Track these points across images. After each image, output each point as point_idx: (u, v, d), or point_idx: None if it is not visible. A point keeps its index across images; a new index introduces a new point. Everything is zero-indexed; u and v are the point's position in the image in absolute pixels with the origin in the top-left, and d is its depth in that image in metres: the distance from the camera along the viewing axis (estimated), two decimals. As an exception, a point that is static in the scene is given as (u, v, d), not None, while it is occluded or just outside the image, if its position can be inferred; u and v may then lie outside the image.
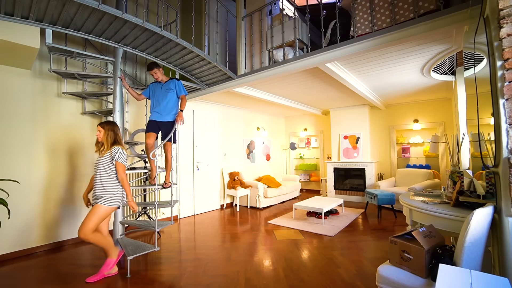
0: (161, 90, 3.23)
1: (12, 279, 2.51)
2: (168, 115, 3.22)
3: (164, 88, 3.23)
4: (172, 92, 3.23)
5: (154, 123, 3.22)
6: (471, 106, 2.74)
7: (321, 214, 4.27)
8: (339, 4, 3.04)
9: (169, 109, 3.23)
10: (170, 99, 3.22)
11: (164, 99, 3.20)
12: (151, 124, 3.22)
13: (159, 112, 3.21)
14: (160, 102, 3.22)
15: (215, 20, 4.17)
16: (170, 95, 3.22)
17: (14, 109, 3.09)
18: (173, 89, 3.23)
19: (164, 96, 3.21)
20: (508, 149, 1.28)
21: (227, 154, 5.98)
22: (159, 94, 3.24)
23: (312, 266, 2.68)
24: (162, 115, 3.20)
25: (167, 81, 3.28)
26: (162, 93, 3.22)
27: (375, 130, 6.35)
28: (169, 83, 3.26)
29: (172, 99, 3.24)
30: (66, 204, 3.45)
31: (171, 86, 3.24)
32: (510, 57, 1.26)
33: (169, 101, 3.21)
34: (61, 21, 2.48)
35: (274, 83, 4.23)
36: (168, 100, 3.21)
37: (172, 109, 3.25)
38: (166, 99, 3.20)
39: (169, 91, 3.21)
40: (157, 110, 3.23)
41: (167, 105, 3.21)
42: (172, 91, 3.23)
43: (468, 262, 1.35)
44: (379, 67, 3.52)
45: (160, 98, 3.23)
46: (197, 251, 3.15)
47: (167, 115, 3.22)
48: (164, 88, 3.23)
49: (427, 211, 2.01)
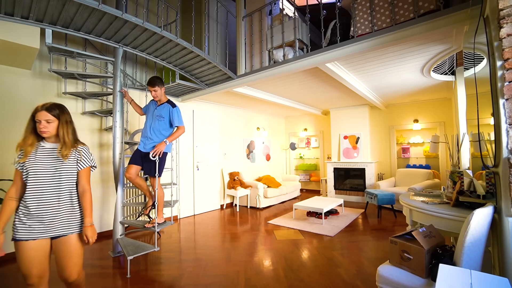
0: (153, 114, 2.75)
1: (12, 279, 2.51)
2: (153, 147, 2.66)
3: (156, 113, 2.73)
4: (163, 122, 2.71)
5: (137, 154, 2.75)
6: (471, 106, 2.74)
7: (321, 214, 4.27)
8: (339, 4, 3.04)
9: (155, 140, 2.70)
10: (159, 128, 2.72)
11: (153, 126, 2.72)
12: (135, 154, 2.77)
13: (144, 141, 2.73)
14: (147, 128, 2.75)
15: (215, 20, 4.17)
16: (160, 124, 2.71)
17: (14, 109, 3.09)
18: (165, 117, 2.71)
19: (153, 122, 2.73)
20: (508, 149, 1.28)
21: (227, 154, 5.98)
22: (150, 118, 2.77)
23: (312, 266, 2.68)
24: (146, 145, 2.71)
25: (162, 105, 2.77)
26: (152, 118, 2.74)
27: (375, 130, 6.35)
28: (162, 109, 2.74)
29: (162, 129, 2.72)
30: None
31: (163, 113, 2.72)
32: (510, 57, 1.26)
33: (157, 130, 2.71)
34: (61, 21, 2.48)
35: (274, 83, 4.23)
36: (156, 128, 2.71)
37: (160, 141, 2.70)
38: (154, 127, 2.72)
39: (160, 119, 2.71)
40: (143, 137, 2.76)
41: (153, 135, 2.70)
42: (163, 121, 2.71)
43: (468, 262, 1.35)
44: (379, 67, 3.52)
45: (148, 123, 2.76)
46: (197, 251, 3.15)
47: (151, 146, 2.68)
48: (156, 113, 2.73)
49: (427, 211, 2.01)
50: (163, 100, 2.80)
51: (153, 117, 2.73)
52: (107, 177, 3.81)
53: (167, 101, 2.79)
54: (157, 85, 2.68)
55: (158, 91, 2.71)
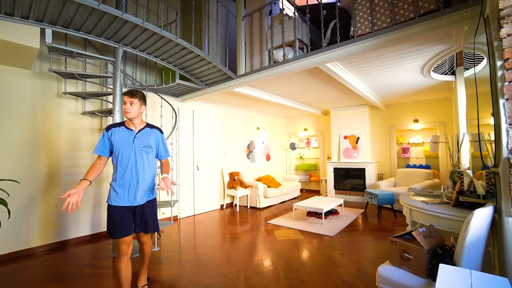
0: (133, 145, 1.95)
1: (12, 279, 2.51)
2: (148, 192, 2.02)
3: (140, 143, 1.97)
4: (151, 154, 2.03)
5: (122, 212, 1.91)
6: (471, 106, 2.74)
7: (321, 214, 4.27)
8: (339, 4, 3.04)
9: (149, 181, 2.03)
10: (149, 165, 2.01)
11: (139, 163, 1.96)
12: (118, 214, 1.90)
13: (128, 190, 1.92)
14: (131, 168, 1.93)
15: (215, 20, 4.17)
16: (149, 158, 2.02)
17: (14, 109, 3.09)
18: (153, 148, 2.05)
19: (138, 157, 1.95)
20: (508, 149, 1.28)
21: (227, 154, 5.98)
22: (129, 152, 1.93)
23: (312, 266, 2.67)
24: (139, 195, 1.95)
25: (143, 131, 2.02)
26: (134, 151, 1.95)
27: (375, 130, 6.35)
28: (147, 136, 2.02)
29: (152, 165, 2.05)
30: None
31: (151, 142, 2.03)
32: (510, 57, 1.26)
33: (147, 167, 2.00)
34: (61, 21, 2.48)
35: (274, 83, 4.23)
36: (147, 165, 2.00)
37: (152, 180, 2.06)
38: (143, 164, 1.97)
39: (148, 150, 2.00)
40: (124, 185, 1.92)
41: (146, 175, 1.99)
42: (152, 153, 2.04)
43: (468, 262, 1.35)
44: (379, 67, 3.52)
45: (131, 161, 1.93)
46: (197, 251, 3.14)
47: (146, 192, 2.00)
48: (140, 143, 1.97)
49: (427, 211, 2.01)
50: (140, 124, 2.03)
51: (135, 150, 1.94)
52: (107, 177, 3.81)
53: (148, 125, 2.08)
54: (137, 98, 1.95)
55: (135, 106, 1.94)
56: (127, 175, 1.92)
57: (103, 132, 1.97)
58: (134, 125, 2.02)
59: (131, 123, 2.01)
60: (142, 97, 2.01)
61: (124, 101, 1.93)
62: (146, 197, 2.01)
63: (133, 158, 1.93)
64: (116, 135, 1.96)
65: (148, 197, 2.02)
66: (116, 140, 1.95)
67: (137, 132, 2.00)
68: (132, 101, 1.93)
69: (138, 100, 1.96)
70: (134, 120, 1.99)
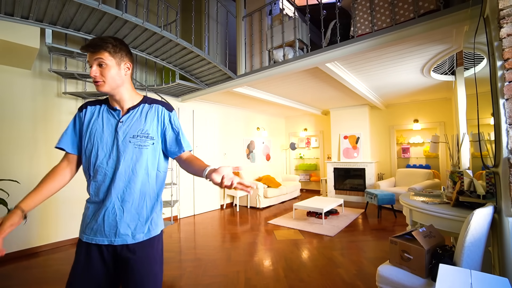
0: (115, 135, 1.07)
1: (12, 279, 2.51)
2: (145, 221, 1.07)
3: (127, 134, 1.07)
4: (151, 149, 1.11)
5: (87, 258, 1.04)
6: (471, 106, 2.74)
7: (321, 214, 4.27)
8: (339, 4, 3.04)
9: (147, 199, 1.09)
10: (147, 167, 1.09)
11: (129, 166, 1.05)
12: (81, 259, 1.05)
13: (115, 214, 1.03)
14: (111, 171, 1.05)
15: (215, 20, 4.17)
16: (144, 156, 1.08)
17: (14, 109, 3.09)
18: (154, 138, 1.11)
19: (126, 156, 1.05)
20: (508, 149, 1.28)
21: (227, 154, 5.98)
22: (109, 148, 1.06)
23: (312, 266, 2.67)
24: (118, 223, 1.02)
25: (135, 109, 1.12)
26: (120, 146, 1.06)
27: (375, 130, 6.35)
28: (142, 117, 1.11)
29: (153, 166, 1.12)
30: (66, 204, 3.45)
31: (149, 127, 1.11)
32: (510, 57, 1.26)
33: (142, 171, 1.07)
34: (61, 21, 2.48)
35: (274, 83, 4.23)
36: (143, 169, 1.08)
37: (155, 198, 1.12)
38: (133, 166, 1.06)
39: (143, 143, 1.08)
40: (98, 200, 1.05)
41: (136, 185, 1.06)
42: (151, 146, 1.10)
43: (468, 262, 1.35)
44: (379, 67, 3.52)
45: (112, 161, 1.05)
46: (197, 251, 3.14)
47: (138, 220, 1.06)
48: (127, 134, 1.07)
49: (427, 211, 2.01)
50: (130, 98, 1.13)
51: (118, 144, 1.06)
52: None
53: (146, 100, 1.17)
54: (108, 51, 1.03)
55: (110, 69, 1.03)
56: (103, 188, 1.04)
57: (76, 113, 1.14)
58: (119, 102, 1.11)
59: (113, 100, 1.11)
60: (119, 49, 1.07)
61: (89, 63, 1.03)
62: (139, 230, 1.05)
63: (113, 158, 1.05)
64: (90, 120, 1.10)
65: (143, 230, 1.06)
66: (88, 127, 1.09)
67: (125, 112, 1.10)
68: (100, 59, 1.01)
69: (111, 56, 1.03)
70: (115, 94, 1.08)
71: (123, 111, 1.12)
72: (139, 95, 1.19)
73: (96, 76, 1.02)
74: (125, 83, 1.12)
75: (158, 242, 1.12)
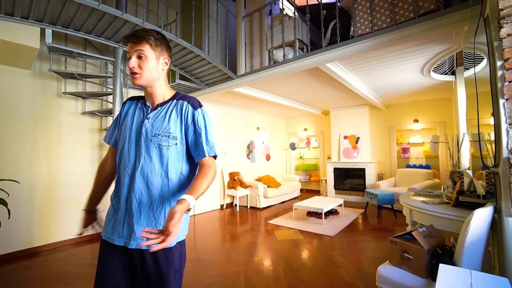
0: (140, 132, 1.04)
1: (12, 279, 2.51)
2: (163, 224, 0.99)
3: (150, 133, 1.02)
4: (173, 150, 1.03)
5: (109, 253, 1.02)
6: (471, 106, 2.74)
7: (321, 214, 4.27)
8: (339, 4, 3.04)
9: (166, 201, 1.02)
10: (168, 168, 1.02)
11: (144, 165, 1.01)
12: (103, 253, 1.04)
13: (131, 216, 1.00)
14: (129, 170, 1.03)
15: (215, 20, 4.17)
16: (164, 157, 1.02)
17: (14, 109, 3.09)
18: (176, 137, 1.03)
19: (146, 155, 1.01)
20: (508, 149, 1.28)
21: (227, 154, 5.98)
22: (131, 145, 1.04)
23: (312, 266, 2.67)
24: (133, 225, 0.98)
25: (163, 105, 1.07)
26: (142, 144, 1.02)
27: (375, 130, 6.35)
28: (167, 115, 1.05)
29: (175, 169, 1.04)
30: (66, 204, 3.45)
31: (171, 126, 1.03)
32: (510, 57, 1.26)
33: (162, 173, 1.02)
34: (61, 21, 2.48)
35: (274, 83, 4.23)
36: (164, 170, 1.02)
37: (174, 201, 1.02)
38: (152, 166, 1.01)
39: (162, 143, 1.01)
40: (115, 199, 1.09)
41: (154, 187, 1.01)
42: (175, 146, 1.03)
43: (468, 262, 1.35)
44: (379, 67, 3.52)
45: (132, 159, 1.03)
46: (197, 251, 3.14)
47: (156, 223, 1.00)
48: (150, 133, 1.02)
49: (427, 211, 2.01)
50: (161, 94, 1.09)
51: (140, 142, 1.03)
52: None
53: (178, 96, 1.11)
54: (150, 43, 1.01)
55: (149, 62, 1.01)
56: (125, 186, 1.03)
57: None
58: (151, 98, 1.09)
59: (147, 95, 1.10)
60: (160, 43, 1.04)
61: (128, 54, 1.01)
62: None
63: (135, 156, 1.02)
64: (126, 114, 1.12)
65: None
66: (123, 122, 1.11)
67: (153, 109, 1.07)
68: (141, 51, 0.99)
69: (151, 49, 1.01)
70: (149, 88, 1.06)
71: (152, 107, 1.09)
72: (172, 91, 1.14)
73: (134, 68, 0.99)
74: (161, 78, 1.08)
75: (175, 252, 1.02)
